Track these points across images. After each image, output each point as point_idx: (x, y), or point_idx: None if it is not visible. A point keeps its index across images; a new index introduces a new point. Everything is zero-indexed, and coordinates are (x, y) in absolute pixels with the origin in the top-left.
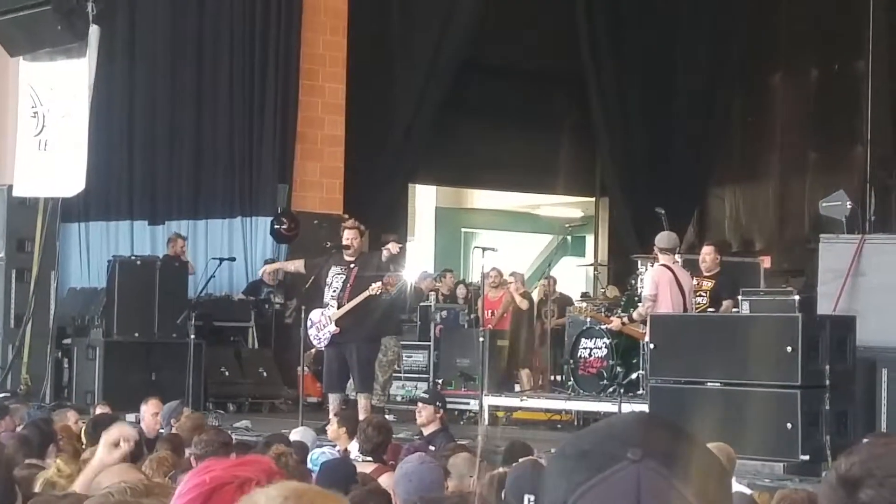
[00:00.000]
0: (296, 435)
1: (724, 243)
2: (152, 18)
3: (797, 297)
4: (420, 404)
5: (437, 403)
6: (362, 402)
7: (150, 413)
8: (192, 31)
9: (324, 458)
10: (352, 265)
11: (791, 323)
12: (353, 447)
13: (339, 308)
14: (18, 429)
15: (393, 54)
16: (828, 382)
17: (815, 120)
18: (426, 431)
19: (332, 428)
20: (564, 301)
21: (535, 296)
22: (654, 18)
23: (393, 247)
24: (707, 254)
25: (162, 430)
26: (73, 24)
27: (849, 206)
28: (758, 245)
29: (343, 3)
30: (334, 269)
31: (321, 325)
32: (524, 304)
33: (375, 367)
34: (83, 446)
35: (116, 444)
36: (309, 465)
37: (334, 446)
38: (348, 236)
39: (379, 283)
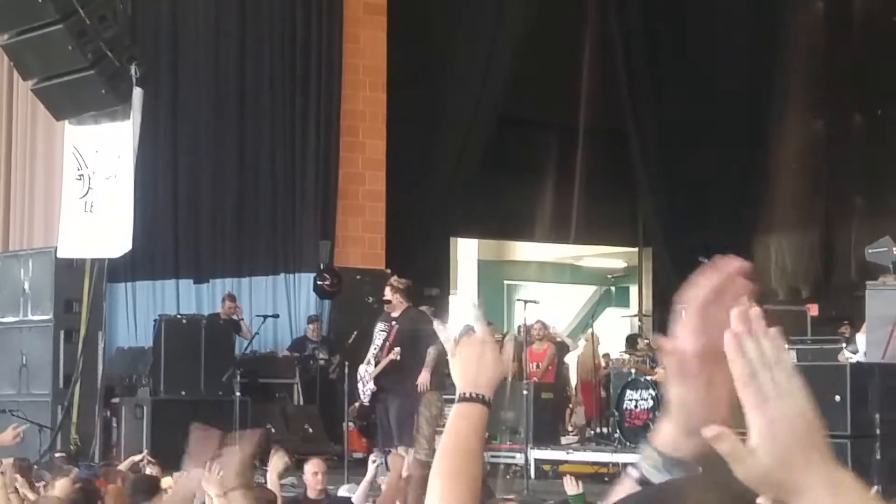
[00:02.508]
0: (343, 491)
1: (771, 291)
2: (195, 79)
3: (845, 346)
4: None
5: None
6: (406, 455)
7: (310, 473)
8: (234, 90)
9: None
10: (394, 322)
11: (839, 371)
12: None
13: (376, 366)
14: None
15: (432, 109)
16: (878, 431)
17: (860, 166)
18: None
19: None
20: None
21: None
22: (694, 65)
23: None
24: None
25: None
26: (117, 87)
27: (895, 252)
28: (804, 293)
29: (382, 59)
30: (379, 326)
31: (365, 380)
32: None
33: (421, 421)
34: None
35: None
36: None
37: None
38: (385, 292)
39: (398, 349)
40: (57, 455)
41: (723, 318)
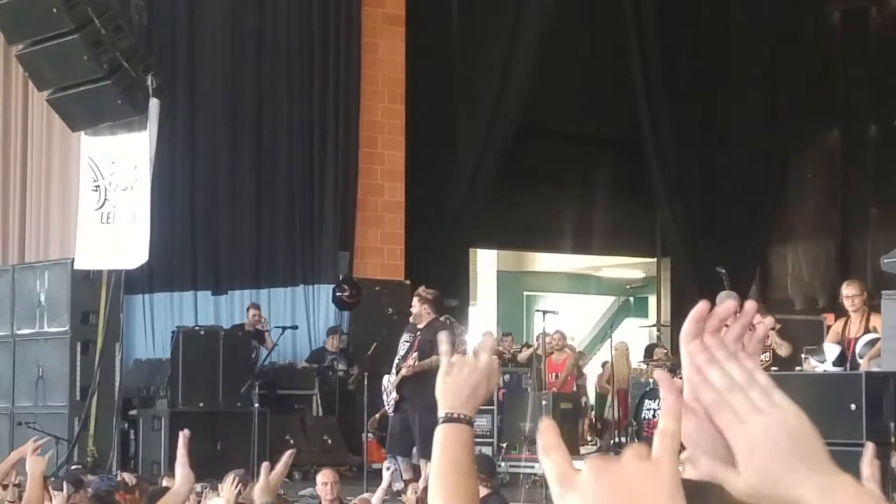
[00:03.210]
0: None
1: (787, 301)
2: (212, 89)
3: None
4: None
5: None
6: (425, 468)
7: (321, 483)
8: (252, 101)
9: None
10: (418, 333)
11: (854, 380)
12: None
13: (397, 374)
14: None
15: (451, 120)
16: (893, 440)
17: (875, 175)
18: None
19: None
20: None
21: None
22: (711, 78)
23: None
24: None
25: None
26: (134, 97)
27: None
28: (821, 302)
29: (400, 70)
30: (404, 336)
31: (388, 390)
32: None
33: None
34: None
35: None
36: None
37: None
38: (413, 303)
39: (414, 356)
40: (74, 467)
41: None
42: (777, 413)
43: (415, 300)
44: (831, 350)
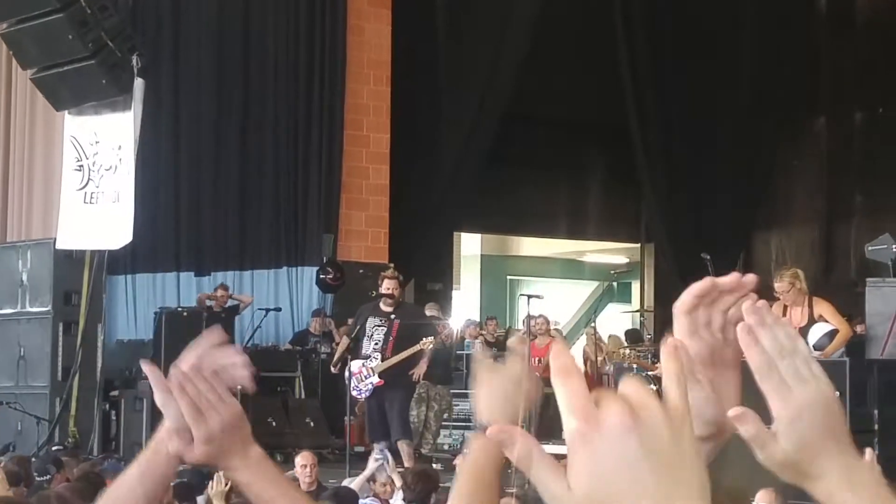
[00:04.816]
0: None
1: (771, 288)
2: (197, 71)
3: None
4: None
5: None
6: (406, 449)
7: (300, 465)
8: (237, 82)
9: None
10: (392, 316)
11: (838, 367)
12: (398, 497)
13: (382, 360)
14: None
15: (437, 104)
16: (877, 427)
17: (860, 163)
18: None
19: (380, 481)
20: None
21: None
22: (697, 65)
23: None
24: None
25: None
26: (118, 77)
27: (895, 250)
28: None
29: (387, 53)
30: (372, 321)
31: (362, 376)
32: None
33: (430, 415)
34: None
35: None
36: None
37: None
38: (388, 286)
39: (431, 338)
40: (55, 448)
41: (717, 325)
42: (818, 385)
43: (394, 283)
44: None
